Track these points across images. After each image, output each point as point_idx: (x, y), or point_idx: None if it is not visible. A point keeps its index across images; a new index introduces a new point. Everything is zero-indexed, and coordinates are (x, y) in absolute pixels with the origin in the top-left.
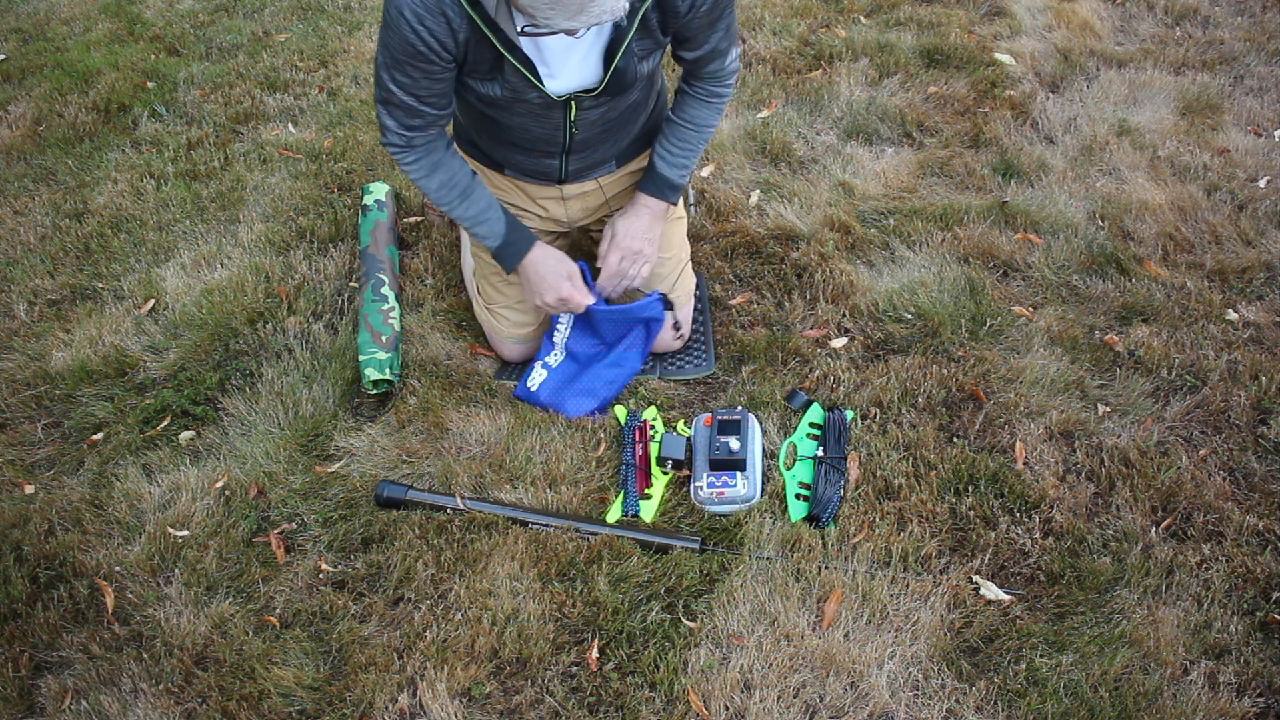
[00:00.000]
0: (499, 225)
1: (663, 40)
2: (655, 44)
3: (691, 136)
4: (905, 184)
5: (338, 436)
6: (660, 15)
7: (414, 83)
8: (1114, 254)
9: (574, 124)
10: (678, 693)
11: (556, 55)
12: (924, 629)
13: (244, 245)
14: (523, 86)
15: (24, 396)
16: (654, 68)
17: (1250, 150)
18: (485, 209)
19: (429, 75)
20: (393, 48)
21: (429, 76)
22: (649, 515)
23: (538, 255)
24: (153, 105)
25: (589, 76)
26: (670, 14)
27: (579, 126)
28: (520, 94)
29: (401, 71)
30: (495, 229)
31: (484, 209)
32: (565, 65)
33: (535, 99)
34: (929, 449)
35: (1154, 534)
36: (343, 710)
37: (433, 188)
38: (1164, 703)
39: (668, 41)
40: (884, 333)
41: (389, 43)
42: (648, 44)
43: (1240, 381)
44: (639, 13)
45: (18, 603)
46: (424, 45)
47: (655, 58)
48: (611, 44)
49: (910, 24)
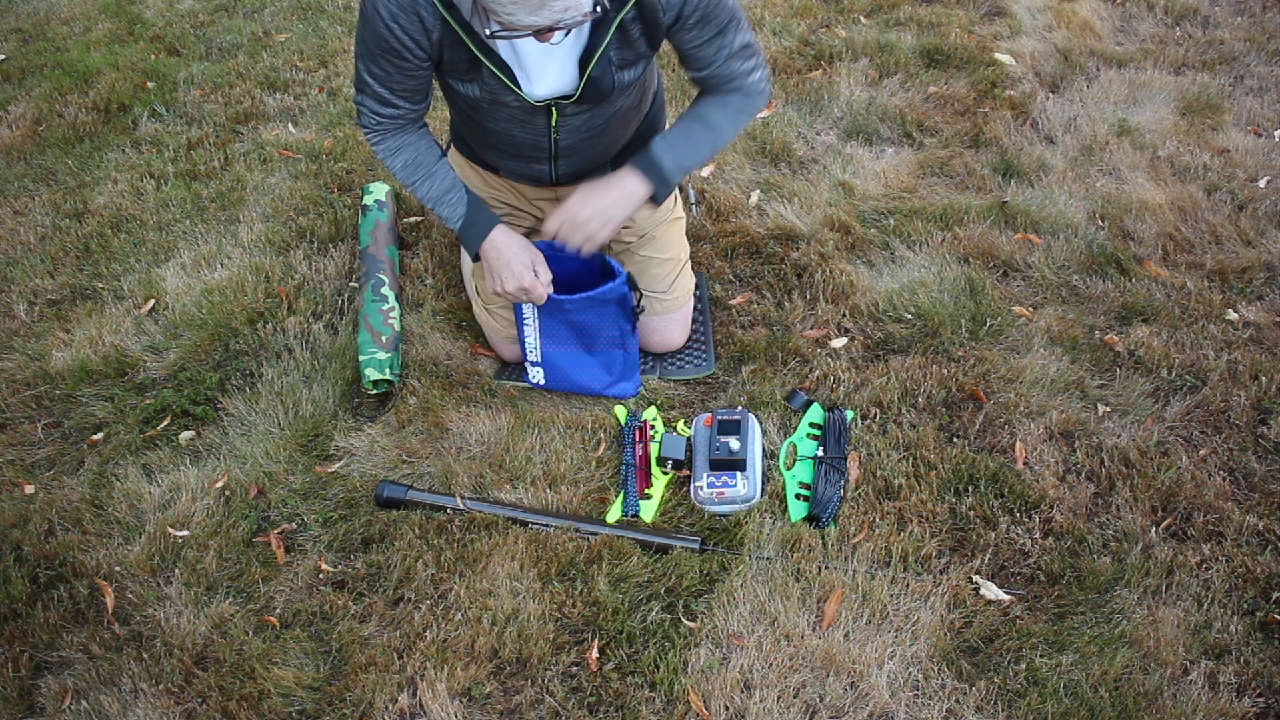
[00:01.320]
0: (460, 206)
1: (646, 52)
2: (637, 55)
3: (700, 134)
4: (905, 184)
5: (338, 436)
6: (643, 26)
7: (387, 75)
8: (1114, 254)
9: (556, 130)
10: (678, 693)
11: (533, 61)
12: (924, 629)
13: (244, 245)
14: (500, 89)
15: (24, 396)
16: (637, 77)
17: (1250, 150)
18: (448, 189)
19: (402, 70)
20: (367, 40)
21: (402, 71)
22: (649, 515)
23: (500, 239)
24: (153, 105)
25: (565, 83)
26: (653, 25)
27: (562, 133)
28: (498, 96)
29: (375, 64)
30: (457, 210)
31: (447, 189)
32: (543, 72)
33: (513, 102)
34: (929, 449)
35: (1154, 534)
36: (343, 710)
37: (397, 166)
38: (1164, 703)
39: (653, 53)
40: (884, 333)
41: (364, 35)
42: (628, 54)
43: (1240, 381)
44: (614, 22)
45: (18, 603)
46: (397, 42)
47: (638, 68)
48: (586, 52)
49: (910, 24)
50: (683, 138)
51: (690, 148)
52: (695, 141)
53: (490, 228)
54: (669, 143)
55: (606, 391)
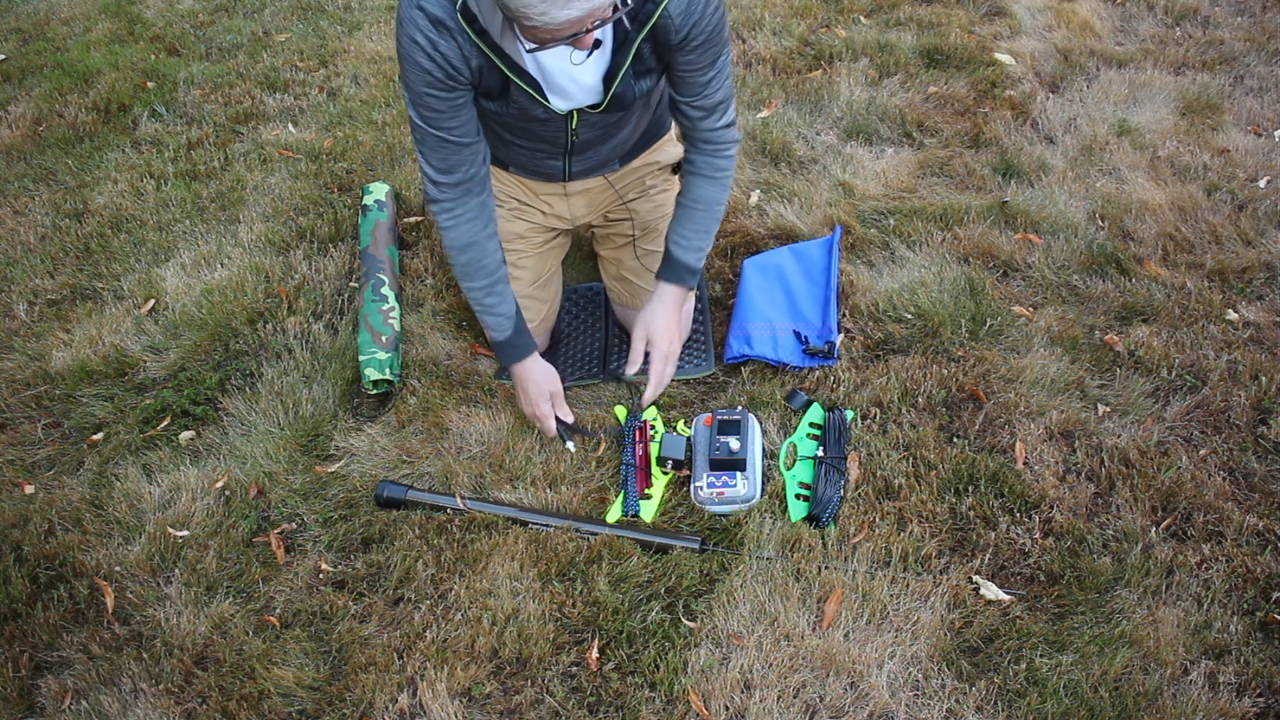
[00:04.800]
0: (508, 324)
1: (657, 68)
2: (649, 69)
3: (702, 217)
4: (905, 184)
5: (338, 436)
6: (653, 44)
7: (439, 115)
8: (1114, 254)
9: (575, 131)
10: (678, 693)
11: (560, 79)
12: (924, 629)
13: (244, 245)
14: (529, 104)
15: (24, 396)
16: (654, 85)
17: (1250, 150)
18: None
19: (451, 104)
20: (412, 82)
21: (452, 105)
22: (649, 515)
23: (530, 366)
24: (153, 105)
25: (591, 97)
26: (663, 45)
27: (580, 133)
28: (527, 111)
29: (424, 105)
30: (505, 325)
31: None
32: (569, 88)
33: (541, 115)
34: (929, 449)
35: (1154, 534)
36: (343, 710)
37: (463, 260)
38: (1164, 703)
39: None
40: (884, 333)
41: (408, 78)
42: (641, 68)
43: (1240, 381)
44: (634, 44)
45: (18, 603)
46: (440, 70)
47: (653, 77)
48: (610, 70)
49: (910, 24)
50: (693, 230)
51: (701, 233)
52: (702, 226)
53: (527, 354)
54: (684, 243)
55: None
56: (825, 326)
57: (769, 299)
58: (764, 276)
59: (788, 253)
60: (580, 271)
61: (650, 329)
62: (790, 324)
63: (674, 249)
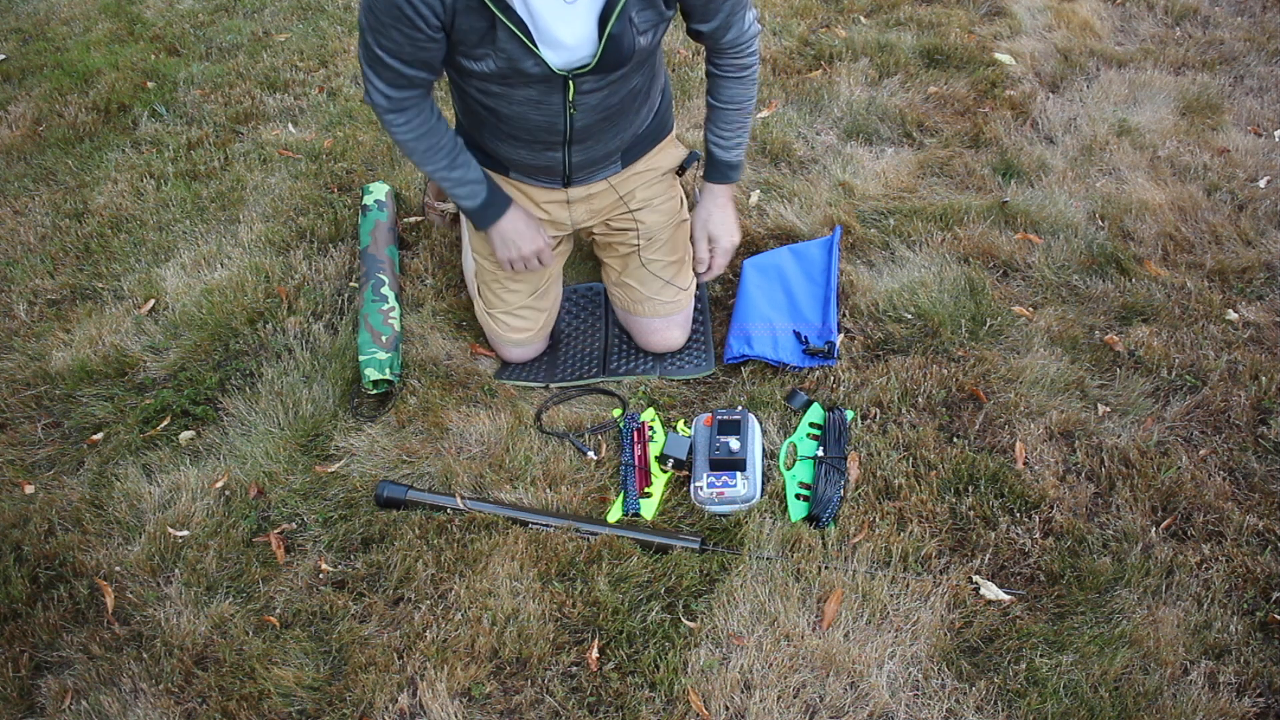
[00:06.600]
0: (481, 189)
1: (667, 13)
2: (659, 16)
3: (734, 116)
4: (905, 184)
5: (338, 436)
6: None
7: (398, 47)
8: (1114, 254)
9: (573, 105)
10: (678, 693)
11: (550, 21)
12: (924, 629)
13: (244, 245)
14: (518, 54)
15: (24, 396)
16: (654, 45)
17: (1250, 150)
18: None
19: (414, 42)
20: (377, 10)
21: (414, 43)
22: (649, 514)
23: (515, 215)
24: (153, 105)
25: (584, 47)
26: None
27: (578, 111)
28: (515, 63)
29: (385, 36)
30: (478, 190)
31: (470, 175)
32: (560, 33)
33: (531, 68)
34: (929, 449)
35: (1154, 534)
36: (343, 710)
37: (420, 149)
38: (1164, 703)
39: (672, 14)
40: (884, 333)
41: (374, 5)
42: (650, 16)
43: (1240, 381)
44: None
45: (18, 603)
46: (410, 8)
47: (658, 32)
48: (606, 9)
49: (910, 24)
50: (729, 129)
51: (738, 131)
52: (738, 124)
53: (508, 205)
54: (723, 143)
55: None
56: (825, 326)
57: (769, 299)
58: (764, 276)
59: (788, 253)
60: (580, 271)
61: (710, 228)
62: (790, 324)
63: (715, 150)
